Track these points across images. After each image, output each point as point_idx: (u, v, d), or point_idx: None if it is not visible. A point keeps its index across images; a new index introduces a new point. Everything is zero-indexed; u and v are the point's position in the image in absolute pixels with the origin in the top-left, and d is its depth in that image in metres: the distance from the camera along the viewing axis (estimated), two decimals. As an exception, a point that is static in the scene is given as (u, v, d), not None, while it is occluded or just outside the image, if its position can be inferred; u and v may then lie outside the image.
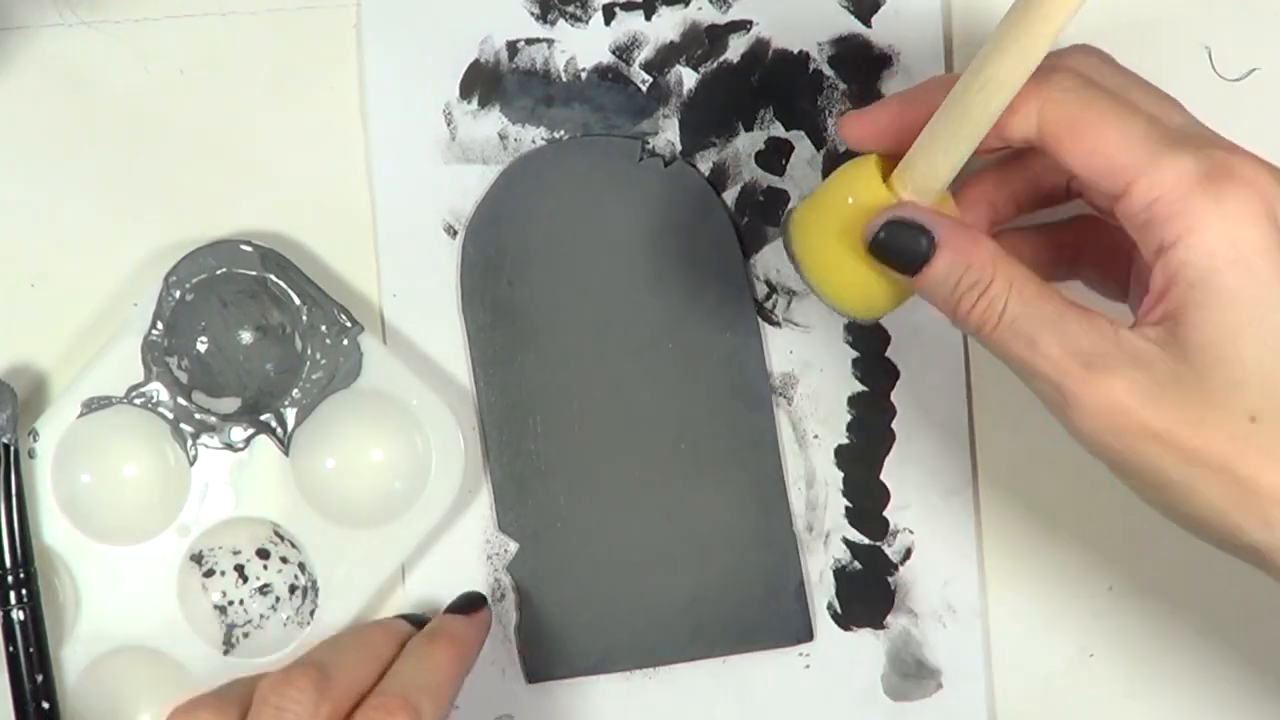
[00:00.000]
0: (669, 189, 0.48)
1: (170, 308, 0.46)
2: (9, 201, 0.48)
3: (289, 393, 0.47)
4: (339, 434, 0.47)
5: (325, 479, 0.47)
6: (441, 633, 0.45)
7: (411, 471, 0.47)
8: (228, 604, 0.48)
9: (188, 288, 0.46)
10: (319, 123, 0.49)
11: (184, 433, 0.47)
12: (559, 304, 0.48)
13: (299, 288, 0.47)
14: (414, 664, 0.44)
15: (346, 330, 0.47)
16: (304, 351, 0.47)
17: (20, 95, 0.48)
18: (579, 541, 0.49)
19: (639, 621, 0.49)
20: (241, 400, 0.48)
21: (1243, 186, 0.35)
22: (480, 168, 0.48)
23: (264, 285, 0.47)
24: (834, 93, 0.48)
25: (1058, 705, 0.49)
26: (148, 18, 0.48)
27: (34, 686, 0.46)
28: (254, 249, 0.46)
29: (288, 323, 0.47)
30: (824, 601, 0.49)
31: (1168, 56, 0.48)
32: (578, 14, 0.48)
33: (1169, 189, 0.35)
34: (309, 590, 0.48)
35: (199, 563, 0.48)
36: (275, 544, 0.48)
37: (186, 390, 0.47)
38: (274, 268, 0.46)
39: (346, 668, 0.42)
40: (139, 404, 0.47)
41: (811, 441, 0.49)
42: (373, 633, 0.45)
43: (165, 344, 0.47)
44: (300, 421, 0.47)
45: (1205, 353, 0.35)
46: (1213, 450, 0.35)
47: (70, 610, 0.48)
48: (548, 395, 0.48)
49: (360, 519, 0.47)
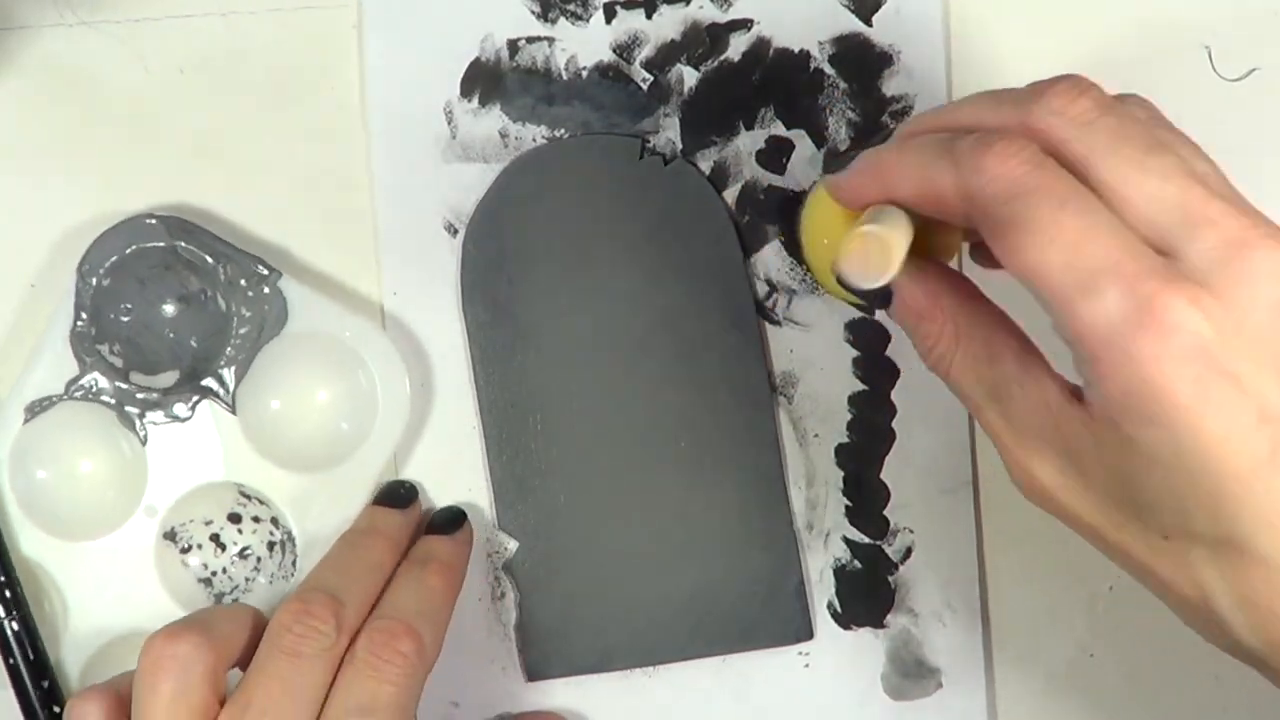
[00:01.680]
0: (669, 187, 0.48)
1: (89, 296, 0.46)
2: (9, 201, 0.48)
3: (223, 353, 0.47)
4: (280, 382, 0.47)
5: (276, 429, 0.47)
6: (432, 558, 0.46)
7: (360, 406, 0.47)
8: (211, 575, 0.48)
9: (102, 273, 0.46)
10: (319, 123, 0.49)
11: (130, 415, 0.47)
12: (559, 302, 0.48)
13: (210, 248, 0.46)
14: (411, 591, 0.44)
15: (265, 278, 0.47)
16: (228, 309, 0.47)
17: (20, 95, 0.48)
18: (579, 540, 0.49)
19: (639, 620, 0.49)
20: (179, 371, 0.48)
21: (1163, 335, 0.32)
22: (481, 166, 0.48)
23: (176, 254, 0.47)
24: (835, 92, 0.48)
25: (1058, 705, 0.49)
26: (148, 18, 0.48)
27: (41, 693, 0.46)
28: (158, 220, 0.46)
29: (206, 285, 0.47)
30: (824, 601, 0.49)
31: (1168, 56, 0.48)
32: (578, 12, 0.48)
33: (1084, 332, 0.33)
34: (286, 543, 0.48)
35: (174, 540, 0.48)
36: (244, 505, 0.48)
37: (123, 373, 0.47)
38: (181, 234, 0.46)
39: (355, 592, 0.43)
40: (80, 397, 0.47)
41: (811, 440, 0.49)
42: (372, 549, 0.45)
43: (93, 333, 0.47)
44: (240, 378, 0.47)
45: (1120, 474, 0.34)
46: (1132, 553, 0.36)
47: (59, 615, 0.48)
48: (548, 394, 0.48)
49: (318, 462, 0.47)
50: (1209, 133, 0.48)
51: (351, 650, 0.42)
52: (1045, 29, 0.48)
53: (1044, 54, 0.48)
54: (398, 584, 0.45)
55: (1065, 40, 0.48)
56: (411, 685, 0.42)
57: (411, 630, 0.42)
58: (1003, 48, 0.48)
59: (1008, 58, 0.48)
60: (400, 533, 0.47)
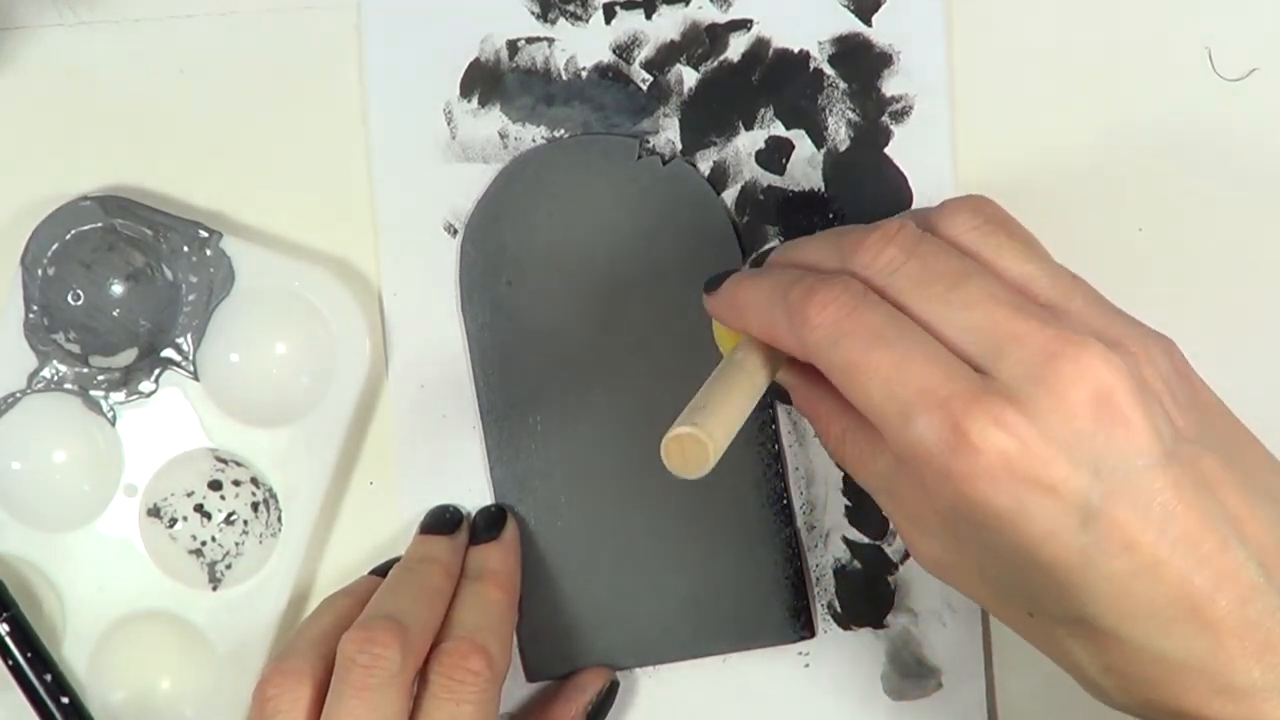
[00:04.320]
0: (669, 188, 0.48)
1: (37, 287, 0.47)
2: (9, 201, 0.48)
3: (177, 322, 0.47)
4: (236, 340, 0.47)
5: (240, 387, 0.48)
6: (487, 572, 0.46)
7: (321, 353, 0.47)
8: (201, 545, 0.48)
9: (45, 263, 0.47)
10: (319, 123, 0.49)
11: (95, 399, 0.47)
12: (559, 303, 0.48)
13: (147, 220, 0.47)
14: (472, 608, 0.45)
15: (206, 241, 0.47)
16: (175, 278, 0.47)
17: (20, 95, 0.49)
18: (579, 540, 0.49)
19: (639, 620, 0.49)
20: (137, 348, 0.48)
21: (972, 454, 0.34)
22: (480, 167, 0.48)
23: (116, 232, 0.47)
24: (834, 92, 0.48)
25: (1058, 705, 0.49)
26: (148, 18, 0.48)
27: (46, 686, 0.47)
28: (91, 201, 0.47)
29: (150, 259, 0.47)
30: (824, 600, 0.49)
31: (1168, 56, 0.48)
32: (578, 13, 0.48)
33: (907, 455, 0.35)
34: (270, 500, 0.48)
35: (158, 516, 0.48)
36: (222, 470, 0.48)
37: (83, 358, 0.47)
38: (117, 211, 0.46)
39: (419, 616, 0.43)
40: (43, 388, 0.47)
41: (812, 440, 0.49)
42: (430, 574, 0.46)
43: (45, 323, 0.47)
44: (198, 344, 0.47)
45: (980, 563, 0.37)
46: (1015, 627, 0.39)
47: (56, 609, 0.48)
48: (548, 394, 0.48)
49: (287, 413, 0.47)
50: (1209, 133, 0.48)
51: (425, 677, 0.42)
52: (1045, 29, 0.48)
53: (1044, 54, 0.48)
54: (458, 603, 0.45)
55: (1065, 40, 0.48)
56: (488, 701, 0.43)
57: (479, 647, 0.43)
58: (1003, 48, 0.48)
59: (1008, 57, 0.48)
60: (452, 556, 0.47)
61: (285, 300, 0.47)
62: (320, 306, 0.47)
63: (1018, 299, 0.36)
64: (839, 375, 0.37)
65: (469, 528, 0.48)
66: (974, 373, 0.35)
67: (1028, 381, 0.34)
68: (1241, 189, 0.48)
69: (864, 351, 0.36)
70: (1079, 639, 0.36)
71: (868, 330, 0.36)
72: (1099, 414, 0.34)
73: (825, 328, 0.37)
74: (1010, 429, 0.34)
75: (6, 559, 0.48)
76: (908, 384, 0.35)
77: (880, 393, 0.35)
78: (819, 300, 0.37)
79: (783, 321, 0.38)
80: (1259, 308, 0.48)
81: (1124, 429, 0.34)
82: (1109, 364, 0.34)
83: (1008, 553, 0.35)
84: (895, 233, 0.38)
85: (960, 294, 0.36)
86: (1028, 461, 0.34)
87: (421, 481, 0.49)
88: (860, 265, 0.38)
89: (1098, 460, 0.34)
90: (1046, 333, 0.35)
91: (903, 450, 0.36)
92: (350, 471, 0.49)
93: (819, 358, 0.37)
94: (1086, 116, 0.48)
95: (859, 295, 0.37)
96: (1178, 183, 0.48)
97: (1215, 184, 0.48)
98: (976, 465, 0.34)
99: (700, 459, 0.36)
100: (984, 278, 0.37)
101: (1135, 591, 0.34)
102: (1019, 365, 0.34)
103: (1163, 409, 0.35)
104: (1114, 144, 0.48)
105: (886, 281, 0.37)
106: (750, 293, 0.40)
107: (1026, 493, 0.34)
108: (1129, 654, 0.35)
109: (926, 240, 0.38)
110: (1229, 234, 0.48)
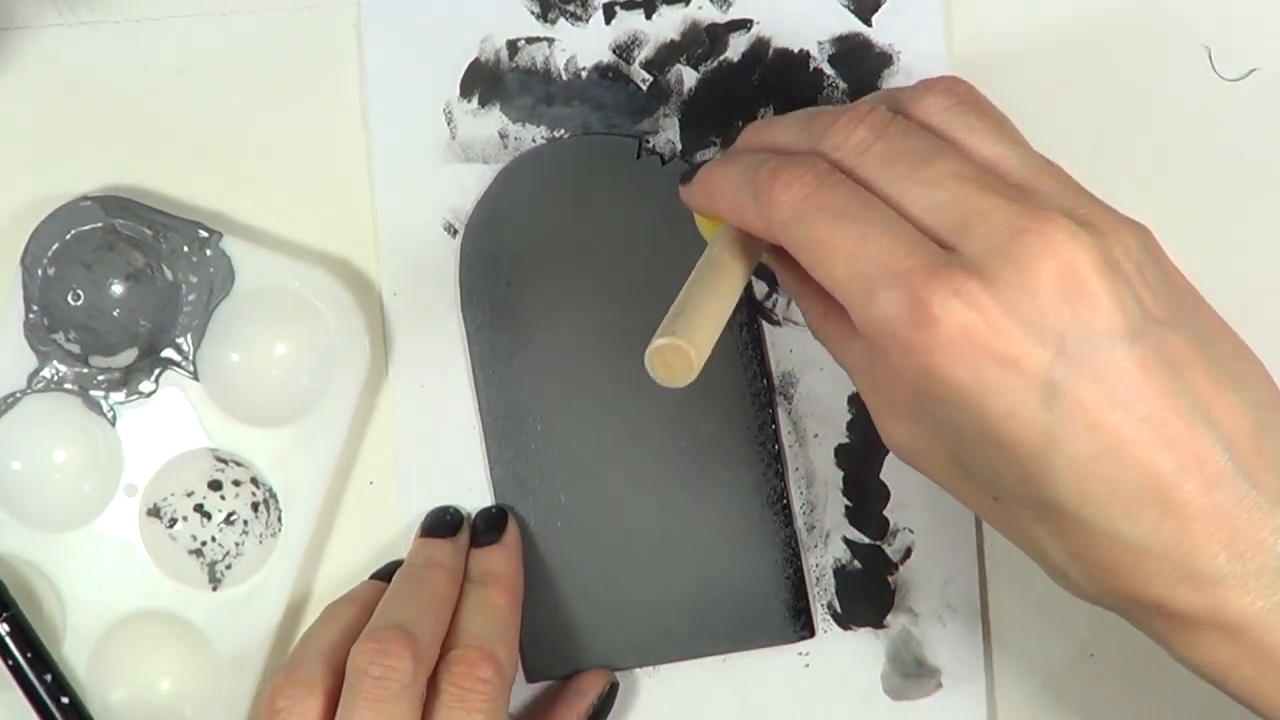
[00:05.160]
0: (668, 188, 0.48)
1: (37, 287, 0.47)
2: (9, 201, 0.48)
3: (177, 322, 0.47)
4: (236, 340, 0.48)
5: (240, 388, 0.48)
6: (491, 576, 0.46)
7: (321, 353, 0.47)
8: (201, 545, 0.48)
9: (45, 263, 0.47)
10: (319, 123, 0.49)
11: (95, 399, 0.47)
12: (558, 303, 0.48)
13: (147, 220, 0.47)
14: (478, 614, 0.45)
15: (207, 241, 0.47)
16: (175, 278, 0.47)
17: (20, 95, 0.49)
18: (579, 540, 0.49)
19: (639, 620, 0.49)
20: (137, 348, 0.48)
21: (932, 326, 0.34)
22: (480, 167, 0.48)
23: (115, 232, 0.47)
24: (834, 92, 0.48)
25: (1058, 705, 0.49)
26: (148, 18, 0.48)
27: (46, 686, 0.47)
28: (92, 201, 0.47)
29: (150, 259, 0.47)
30: (824, 601, 0.49)
31: (1168, 56, 0.48)
32: (578, 13, 0.48)
33: (870, 331, 0.35)
34: (269, 500, 0.48)
35: (158, 516, 0.48)
36: (222, 470, 0.48)
37: (83, 358, 0.47)
38: (117, 211, 0.47)
39: (427, 624, 0.43)
40: (43, 388, 0.47)
41: (811, 440, 0.49)
42: (435, 580, 0.45)
43: (46, 323, 0.47)
44: (198, 344, 0.47)
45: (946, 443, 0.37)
46: (981, 511, 0.38)
47: (56, 609, 0.48)
48: (548, 394, 0.48)
49: (287, 413, 0.47)
50: (1209, 133, 0.48)
51: (435, 685, 0.42)
52: (1045, 29, 0.48)
53: (1043, 53, 0.48)
54: (464, 609, 0.45)
55: (1065, 40, 0.48)
56: (498, 709, 0.43)
57: (487, 655, 0.43)
58: (1003, 47, 0.48)
59: (1007, 57, 0.48)
60: (455, 560, 0.47)
61: (285, 300, 0.47)
62: (320, 306, 0.47)
63: (986, 176, 0.35)
64: (804, 252, 0.36)
65: (469, 529, 0.48)
66: (938, 248, 0.34)
67: (991, 256, 0.34)
68: (1241, 189, 0.48)
69: (828, 228, 0.35)
70: (1043, 524, 0.36)
71: (832, 207, 0.36)
72: (1064, 289, 0.33)
73: (790, 205, 0.36)
74: (971, 301, 0.33)
75: (6, 559, 0.48)
76: (871, 259, 0.35)
77: (844, 268, 0.35)
78: (784, 179, 0.37)
79: (750, 202, 0.38)
80: (1259, 307, 0.48)
81: (1089, 305, 0.33)
82: (1076, 239, 0.33)
83: (972, 432, 0.35)
84: (865, 114, 0.37)
85: (927, 171, 0.36)
86: (989, 334, 0.33)
87: (421, 482, 0.49)
88: (830, 147, 0.37)
89: (1062, 337, 0.33)
90: (1013, 208, 0.34)
91: (867, 326, 0.35)
92: (350, 471, 0.49)
93: (785, 236, 0.37)
94: (1086, 116, 0.48)
95: (824, 174, 0.36)
96: (1177, 183, 0.48)
97: (1215, 184, 0.48)
98: (936, 337, 0.33)
99: (685, 367, 0.36)
100: (951, 156, 0.36)
101: (1099, 473, 0.33)
102: (983, 240, 0.34)
103: (1131, 288, 0.34)
104: (1113, 144, 0.48)
105: (855, 162, 0.37)
106: (720, 177, 0.40)
107: (987, 367, 0.33)
108: (1092, 539, 0.35)
109: (896, 121, 0.37)
110: (1228, 234, 0.48)
